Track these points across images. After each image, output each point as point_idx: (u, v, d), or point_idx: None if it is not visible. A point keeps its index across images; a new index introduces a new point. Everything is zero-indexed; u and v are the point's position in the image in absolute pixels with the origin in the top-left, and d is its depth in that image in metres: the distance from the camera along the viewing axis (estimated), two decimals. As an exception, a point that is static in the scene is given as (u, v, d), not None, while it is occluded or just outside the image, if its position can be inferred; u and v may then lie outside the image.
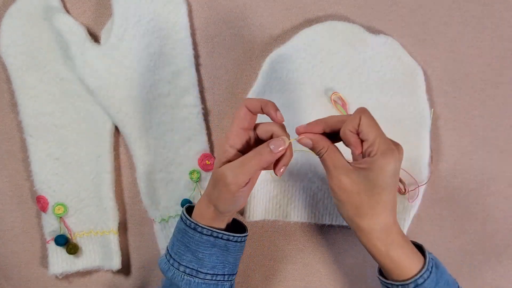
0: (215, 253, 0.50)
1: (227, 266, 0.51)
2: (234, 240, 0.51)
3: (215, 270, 0.50)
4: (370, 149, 0.45)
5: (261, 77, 0.62)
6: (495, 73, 0.64)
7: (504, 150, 0.64)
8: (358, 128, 0.46)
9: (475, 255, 0.64)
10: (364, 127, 0.46)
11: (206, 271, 0.50)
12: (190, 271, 0.50)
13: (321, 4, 0.64)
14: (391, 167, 0.44)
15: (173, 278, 0.50)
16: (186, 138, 0.62)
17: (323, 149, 0.48)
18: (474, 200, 0.64)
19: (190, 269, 0.50)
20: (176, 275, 0.50)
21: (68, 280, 0.64)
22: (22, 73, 0.61)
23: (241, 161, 0.47)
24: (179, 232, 0.51)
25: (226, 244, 0.50)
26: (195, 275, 0.50)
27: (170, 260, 0.51)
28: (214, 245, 0.50)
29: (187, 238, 0.50)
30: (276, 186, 0.62)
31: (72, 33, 0.60)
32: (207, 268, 0.50)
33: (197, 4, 0.64)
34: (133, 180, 0.64)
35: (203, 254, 0.50)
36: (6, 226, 0.64)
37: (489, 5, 0.64)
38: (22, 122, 0.61)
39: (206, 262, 0.50)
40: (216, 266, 0.51)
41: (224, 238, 0.50)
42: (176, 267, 0.50)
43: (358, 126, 0.46)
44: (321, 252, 0.64)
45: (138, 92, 0.62)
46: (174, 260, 0.51)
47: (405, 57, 0.62)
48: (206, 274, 0.50)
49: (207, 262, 0.50)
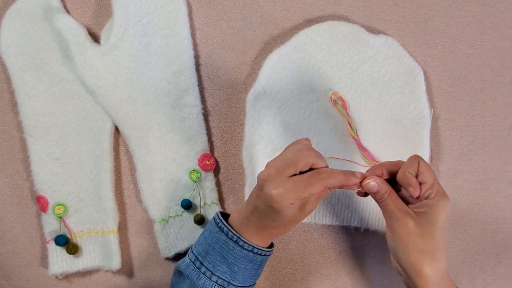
0: (250, 268, 0.50)
1: (254, 278, 0.52)
2: (268, 255, 0.51)
3: (244, 283, 0.51)
4: (429, 191, 0.46)
5: (261, 77, 0.62)
6: (495, 73, 0.64)
7: (504, 150, 0.64)
8: (418, 170, 0.47)
9: (475, 255, 0.64)
10: (424, 170, 0.47)
11: (237, 284, 0.50)
12: (222, 282, 0.49)
13: (321, 4, 0.64)
14: (448, 210, 0.46)
15: (203, 286, 0.49)
16: (186, 138, 0.62)
17: (386, 193, 0.48)
18: (474, 200, 0.64)
19: (222, 280, 0.49)
20: (206, 284, 0.49)
21: (68, 280, 0.64)
22: (22, 73, 0.61)
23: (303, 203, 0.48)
24: (217, 242, 0.50)
25: (261, 259, 0.51)
26: (226, 286, 0.50)
27: (202, 268, 0.50)
28: (251, 260, 0.50)
29: (226, 250, 0.49)
30: (276, 186, 0.62)
31: (72, 33, 0.60)
32: (239, 281, 0.50)
33: (197, 4, 0.64)
34: (133, 180, 0.64)
35: (239, 268, 0.49)
36: (6, 226, 0.64)
37: (489, 5, 0.64)
38: (22, 122, 0.61)
39: (240, 276, 0.50)
40: (247, 279, 0.51)
41: (262, 254, 0.50)
42: (209, 276, 0.49)
43: (418, 169, 0.47)
44: (321, 252, 0.64)
45: (138, 92, 0.62)
46: (207, 269, 0.50)
47: (405, 57, 0.62)
48: (237, 287, 0.50)
49: (241, 276, 0.50)
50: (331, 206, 0.62)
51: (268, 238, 0.50)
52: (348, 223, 0.62)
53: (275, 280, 0.64)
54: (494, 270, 0.64)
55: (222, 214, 0.52)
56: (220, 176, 0.64)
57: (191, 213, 0.63)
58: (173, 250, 0.62)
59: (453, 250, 0.64)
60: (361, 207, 0.62)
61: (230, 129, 0.64)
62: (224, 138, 0.64)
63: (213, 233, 0.51)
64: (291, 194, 0.45)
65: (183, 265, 0.52)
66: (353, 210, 0.62)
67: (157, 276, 0.64)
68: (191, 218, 0.62)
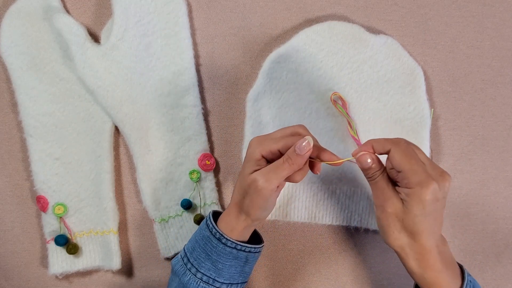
0: (235, 264, 0.50)
1: (242, 276, 0.52)
2: (254, 252, 0.51)
3: (231, 280, 0.51)
4: (405, 181, 0.45)
5: (261, 77, 0.62)
6: (495, 73, 0.64)
7: (504, 150, 0.64)
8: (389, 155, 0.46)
9: (475, 255, 0.64)
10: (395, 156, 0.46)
11: (222, 280, 0.50)
12: (207, 279, 0.50)
13: (321, 4, 0.64)
14: (429, 197, 0.44)
15: (188, 283, 0.50)
16: (186, 138, 0.62)
17: (379, 170, 0.48)
18: (474, 200, 0.64)
19: (207, 277, 0.50)
20: (192, 280, 0.50)
21: (68, 280, 0.64)
22: (22, 73, 0.61)
23: (273, 167, 0.47)
24: (202, 239, 0.51)
25: (247, 256, 0.51)
26: (211, 283, 0.50)
27: (188, 265, 0.51)
28: (235, 257, 0.50)
29: (210, 247, 0.50)
30: (276, 186, 0.62)
31: (72, 33, 0.60)
32: (224, 278, 0.50)
33: (197, 4, 0.64)
34: (133, 180, 0.64)
35: (223, 265, 0.50)
36: (6, 226, 0.64)
37: (489, 5, 0.64)
38: (22, 122, 0.61)
39: (225, 273, 0.50)
40: (233, 277, 0.51)
41: (246, 251, 0.50)
42: (193, 273, 0.50)
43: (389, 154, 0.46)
44: (321, 252, 0.64)
45: (138, 92, 0.62)
46: (192, 265, 0.50)
47: (405, 57, 0.62)
48: (222, 284, 0.50)
49: (225, 273, 0.50)
50: (331, 206, 0.62)
51: (251, 225, 0.51)
52: (348, 223, 0.62)
53: (275, 280, 0.64)
54: (494, 270, 0.64)
55: (217, 213, 0.53)
56: (220, 176, 0.64)
57: (191, 213, 0.63)
58: (173, 250, 0.62)
59: (453, 250, 0.64)
60: (361, 207, 0.62)
61: (230, 129, 0.64)
62: (224, 138, 0.64)
63: (201, 230, 0.52)
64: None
65: (174, 261, 0.52)
66: (353, 210, 0.62)
67: (157, 276, 0.64)
68: (191, 218, 0.62)
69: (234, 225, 0.50)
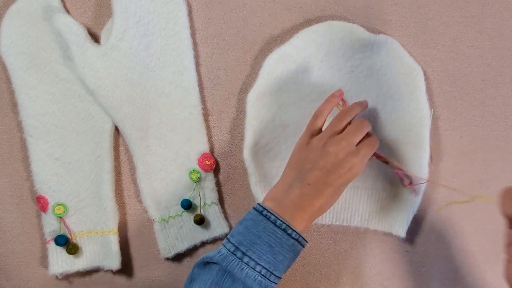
0: (290, 257, 0.50)
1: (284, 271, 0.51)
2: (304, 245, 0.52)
3: (281, 274, 0.50)
4: None
5: (261, 77, 0.62)
6: (495, 73, 0.64)
7: (504, 150, 0.64)
8: None
9: (475, 255, 0.64)
10: None
11: (277, 274, 0.50)
12: (265, 272, 0.49)
13: (321, 4, 0.64)
14: None
15: (246, 277, 0.48)
16: (186, 138, 0.62)
17: None
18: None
19: (266, 270, 0.49)
20: (250, 274, 0.48)
21: (68, 280, 0.64)
22: (22, 73, 0.61)
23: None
24: (264, 230, 0.50)
25: (300, 250, 0.51)
26: (268, 277, 0.49)
27: (244, 258, 0.49)
28: (293, 250, 0.50)
29: (274, 238, 0.49)
30: (276, 186, 0.62)
31: (72, 33, 0.60)
32: (279, 271, 0.50)
33: (197, 4, 0.64)
34: (133, 180, 0.64)
35: (284, 257, 0.49)
36: (6, 226, 0.64)
37: (489, 5, 0.64)
38: (22, 122, 0.61)
39: (281, 266, 0.50)
40: (284, 270, 0.50)
41: (303, 244, 0.51)
42: (252, 267, 0.48)
43: None
44: (321, 252, 0.64)
45: (138, 92, 0.62)
46: (250, 259, 0.49)
47: (405, 57, 0.62)
48: (276, 277, 0.50)
49: (281, 265, 0.50)
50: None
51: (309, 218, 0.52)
52: (348, 223, 0.62)
53: (275, 280, 0.64)
54: (494, 270, 0.64)
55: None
56: (220, 176, 0.64)
57: (191, 213, 0.63)
58: (173, 250, 0.62)
59: (453, 250, 0.64)
60: (361, 207, 0.62)
61: (230, 129, 0.64)
62: (224, 138, 0.64)
63: (258, 223, 0.50)
64: None
65: (219, 256, 0.50)
66: (353, 210, 0.62)
67: (157, 276, 0.64)
68: (191, 218, 0.62)
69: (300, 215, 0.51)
